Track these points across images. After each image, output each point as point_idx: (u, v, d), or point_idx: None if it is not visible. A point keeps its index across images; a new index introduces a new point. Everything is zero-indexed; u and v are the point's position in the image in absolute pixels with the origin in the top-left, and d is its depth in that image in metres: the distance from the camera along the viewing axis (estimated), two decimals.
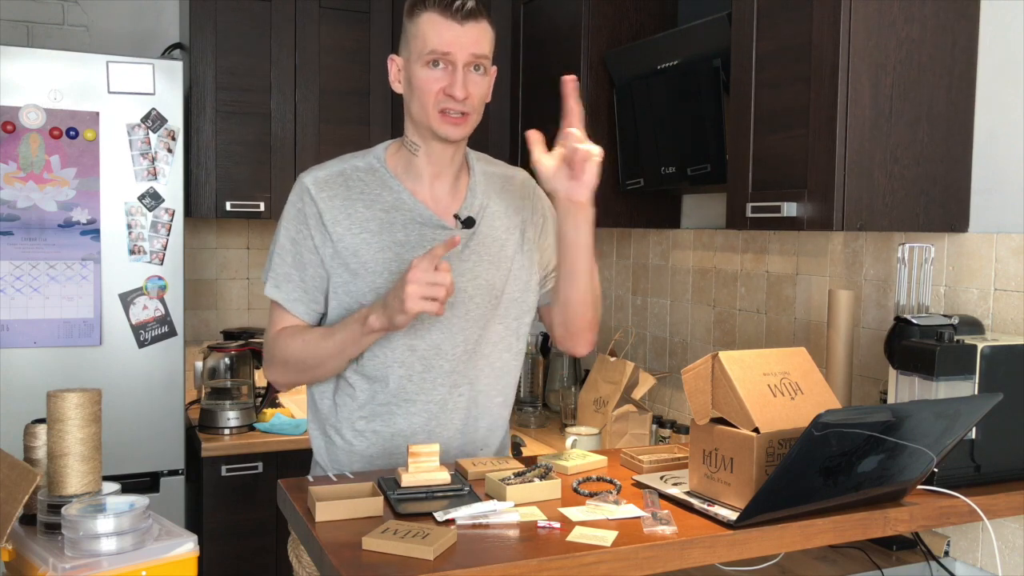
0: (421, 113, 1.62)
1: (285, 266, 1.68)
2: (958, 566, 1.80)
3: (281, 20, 3.03)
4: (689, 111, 2.32)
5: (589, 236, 1.62)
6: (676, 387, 2.80)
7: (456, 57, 1.58)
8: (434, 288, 1.46)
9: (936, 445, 1.40)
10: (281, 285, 1.68)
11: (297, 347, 1.65)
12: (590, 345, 1.80)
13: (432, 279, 1.46)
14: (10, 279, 2.57)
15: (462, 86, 1.58)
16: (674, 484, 1.53)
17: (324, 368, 1.66)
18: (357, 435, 1.70)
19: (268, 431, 2.85)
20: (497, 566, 1.19)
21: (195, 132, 2.94)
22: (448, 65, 1.59)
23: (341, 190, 1.66)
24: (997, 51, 1.80)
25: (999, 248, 1.78)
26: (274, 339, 1.69)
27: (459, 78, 1.58)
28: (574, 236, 1.61)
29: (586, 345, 1.79)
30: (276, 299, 1.68)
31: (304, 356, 1.64)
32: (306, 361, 1.65)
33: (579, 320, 1.74)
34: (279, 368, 1.70)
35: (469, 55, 1.58)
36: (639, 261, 2.98)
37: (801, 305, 2.30)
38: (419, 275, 1.46)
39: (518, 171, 1.83)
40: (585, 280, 1.67)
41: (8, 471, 1.37)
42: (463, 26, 1.57)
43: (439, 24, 1.57)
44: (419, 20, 1.59)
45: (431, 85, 1.59)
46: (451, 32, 1.57)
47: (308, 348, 1.64)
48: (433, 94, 1.59)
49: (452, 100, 1.58)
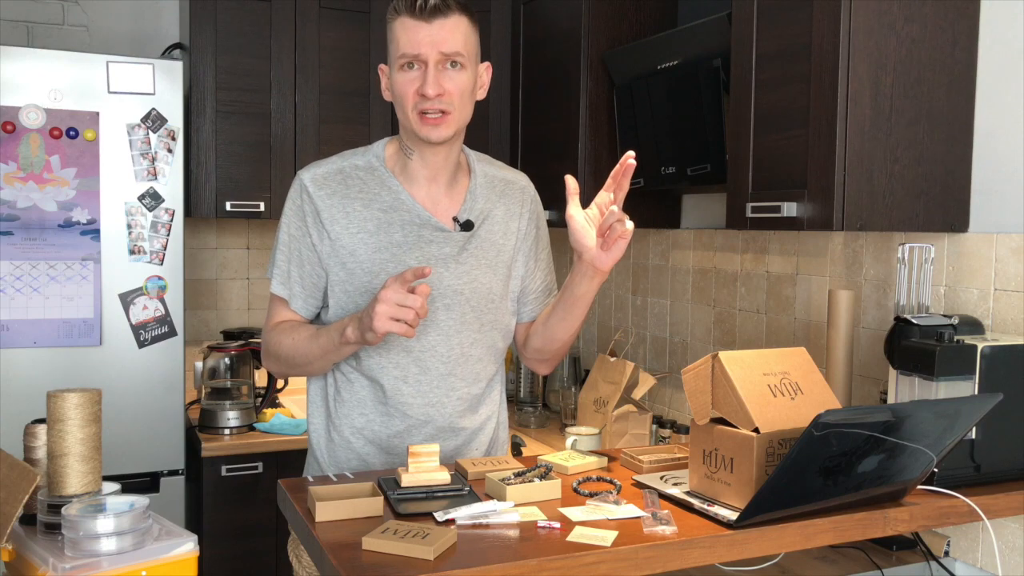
0: (405, 119, 1.62)
1: (286, 262, 1.69)
2: (958, 566, 1.80)
3: (281, 20, 3.03)
4: (689, 111, 2.32)
5: (595, 292, 1.65)
6: (676, 387, 2.80)
7: (426, 56, 1.57)
8: (403, 311, 1.46)
9: (936, 445, 1.40)
10: (283, 281, 1.70)
11: (287, 345, 1.67)
12: (553, 369, 1.91)
13: (402, 300, 1.45)
14: (10, 279, 2.57)
15: (433, 83, 1.57)
16: (674, 484, 1.53)
17: (312, 367, 1.69)
18: (355, 433, 1.70)
19: (268, 431, 2.85)
20: (497, 566, 1.19)
21: (195, 132, 2.94)
22: (420, 65, 1.58)
23: (339, 188, 1.66)
24: (997, 51, 1.80)
25: (999, 248, 1.78)
26: (269, 332, 1.72)
27: (430, 76, 1.57)
28: (584, 290, 1.64)
29: (550, 368, 1.89)
30: (278, 294, 1.71)
31: (293, 355, 1.67)
32: (294, 359, 1.68)
33: (556, 353, 1.81)
34: (272, 360, 1.74)
35: (439, 53, 1.57)
36: (639, 261, 2.98)
37: (801, 305, 2.30)
38: (389, 295, 1.46)
39: (520, 176, 1.83)
40: (578, 323, 1.73)
41: (8, 471, 1.37)
42: (431, 24, 1.56)
43: (408, 26, 1.57)
44: (393, 26, 1.60)
45: (407, 88, 1.59)
46: (419, 32, 1.56)
47: (297, 348, 1.66)
48: (410, 97, 1.59)
49: (426, 99, 1.58)
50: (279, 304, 1.71)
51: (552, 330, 1.74)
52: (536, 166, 2.85)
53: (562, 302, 1.69)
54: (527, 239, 1.79)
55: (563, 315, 1.70)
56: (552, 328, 1.74)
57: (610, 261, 1.57)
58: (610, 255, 1.56)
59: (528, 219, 1.80)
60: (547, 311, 1.77)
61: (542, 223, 1.84)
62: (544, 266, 1.83)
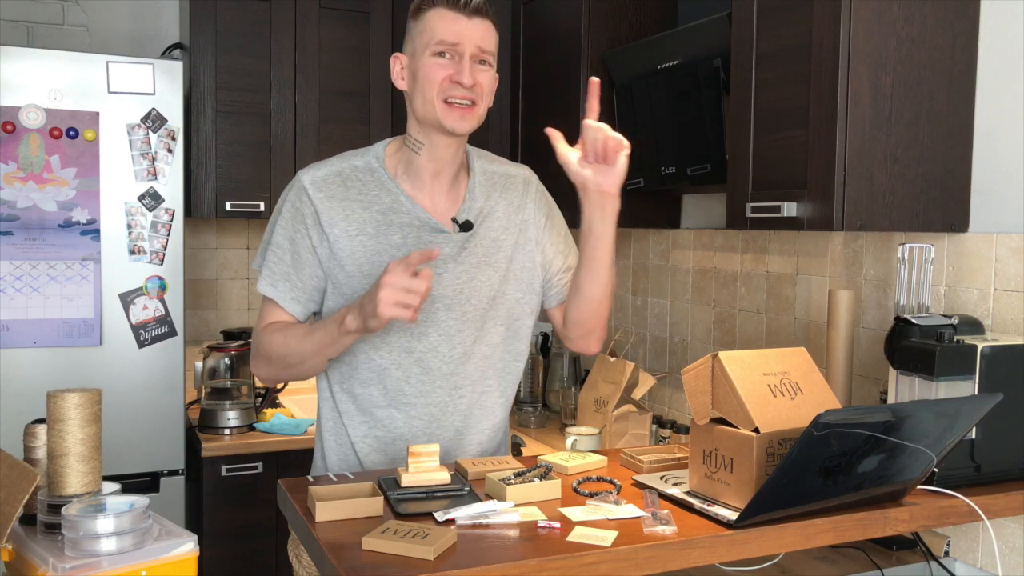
0: (426, 105, 1.61)
1: (283, 265, 1.67)
2: (958, 566, 1.80)
3: (281, 20, 3.03)
4: (689, 111, 2.32)
5: (614, 227, 1.62)
6: (676, 387, 2.80)
7: (464, 48, 1.58)
8: (408, 295, 1.44)
9: (936, 445, 1.40)
10: (277, 283, 1.67)
11: (279, 343, 1.64)
12: (601, 342, 1.80)
13: (407, 285, 1.44)
14: (10, 279, 2.57)
15: (469, 73, 1.58)
16: (674, 484, 1.53)
17: (305, 366, 1.65)
18: (359, 436, 1.70)
19: (268, 431, 2.85)
20: (497, 566, 1.19)
21: (195, 132, 2.94)
22: (455, 56, 1.59)
23: (339, 190, 1.66)
24: (997, 51, 1.80)
25: (999, 248, 1.78)
26: (260, 334, 1.68)
27: (466, 66, 1.58)
28: (600, 227, 1.61)
29: (598, 342, 1.79)
30: (272, 296, 1.67)
31: (286, 352, 1.63)
32: (288, 358, 1.64)
33: (595, 317, 1.74)
34: (262, 362, 1.69)
35: (476, 47, 1.59)
36: (639, 261, 2.98)
37: (801, 305, 2.30)
38: (393, 279, 1.43)
39: (521, 169, 1.83)
40: (606, 273, 1.67)
41: (8, 471, 1.37)
42: (471, 20, 1.59)
43: (447, 17, 1.59)
44: (426, 16, 1.60)
45: (436, 73, 1.59)
46: (459, 24, 1.58)
47: (290, 345, 1.63)
48: (438, 82, 1.59)
49: (459, 87, 1.58)
50: (270, 306, 1.68)
51: (583, 289, 1.69)
52: (536, 166, 2.85)
53: (584, 252, 1.65)
54: (536, 227, 1.77)
55: (588, 266, 1.66)
56: (582, 286, 1.69)
57: (616, 177, 1.56)
58: (613, 172, 1.55)
59: (534, 208, 1.78)
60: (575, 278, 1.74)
61: (553, 208, 1.82)
62: (564, 247, 1.80)
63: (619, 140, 1.54)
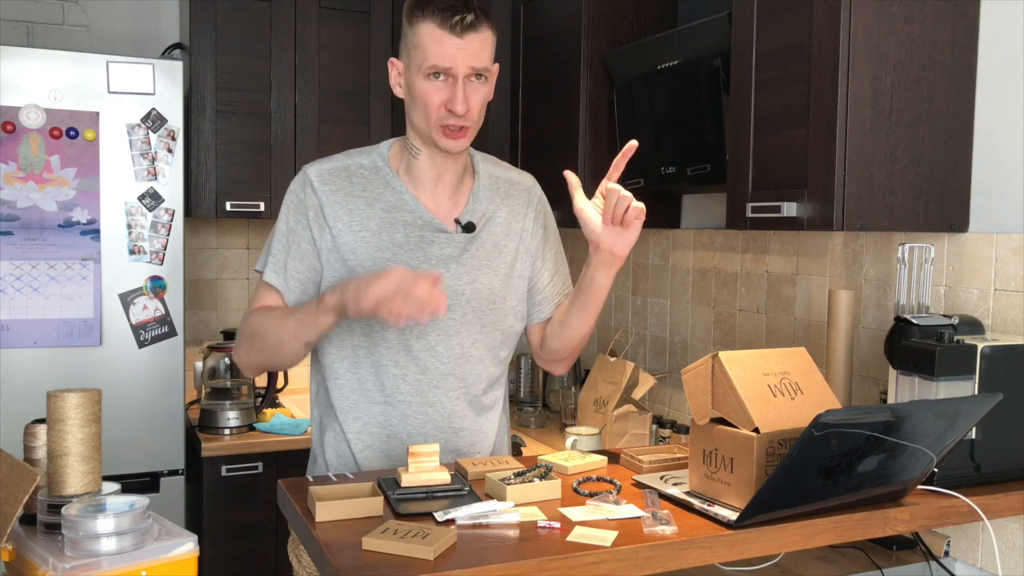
0: (423, 123, 1.61)
1: (282, 253, 1.68)
2: (958, 566, 1.80)
3: (281, 20, 3.03)
4: (689, 111, 2.32)
5: (611, 282, 1.65)
6: (676, 387, 2.80)
7: (457, 71, 1.57)
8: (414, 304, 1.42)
9: (936, 445, 1.40)
10: (278, 271, 1.68)
11: (262, 323, 1.63)
12: (569, 368, 1.89)
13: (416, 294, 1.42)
14: (10, 279, 2.57)
15: (463, 100, 1.57)
16: (674, 484, 1.53)
17: (283, 349, 1.61)
18: (355, 435, 1.70)
19: (268, 431, 2.85)
20: (497, 566, 1.19)
21: (195, 132, 2.94)
22: (449, 78, 1.58)
23: (344, 185, 1.66)
24: (997, 51, 1.80)
25: (999, 248, 1.78)
26: (247, 316, 1.69)
27: (459, 92, 1.56)
28: (602, 281, 1.64)
29: (567, 368, 1.88)
30: (273, 284, 1.67)
31: (266, 332, 1.62)
32: (267, 338, 1.62)
33: (574, 350, 1.80)
34: (244, 343, 1.67)
35: (469, 68, 1.57)
36: (639, 261, 2.98)
37: (801, 305, 2.30)
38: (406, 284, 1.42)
39: (525, 176, 1.83)
40: (595, 318, 1.72)
41: (8, 471, 1.37)
42: (463, 39, 1.55)
43: (439, 37, 1.55)
44: (418, 29, 1.58)
45: (432, 98, 1.58)
46: (451, 46, 1.55)
47: (271, 325, 1.61)
48: (435, 108, 1.58)
49: (452, 116, 1.58)
50: (264, 293, 1.68)
51: (570, 328, 1.73)
52: (536, 166, 2.84)
53: (580, 296, 1.68)
54: (533, 238, 1.78)
55: (581, 310, 1.69)
56: (570, 325, 1.73)
57: (627, 244, 1.57)
58: (626, 237, 1.56)
59: (534, 219, 1.79)
60: (562, 310, 1.76)
61: (550, 223, 1.84)
62: (552, 265, 1.82)
63: (640, 208, 1.53)
